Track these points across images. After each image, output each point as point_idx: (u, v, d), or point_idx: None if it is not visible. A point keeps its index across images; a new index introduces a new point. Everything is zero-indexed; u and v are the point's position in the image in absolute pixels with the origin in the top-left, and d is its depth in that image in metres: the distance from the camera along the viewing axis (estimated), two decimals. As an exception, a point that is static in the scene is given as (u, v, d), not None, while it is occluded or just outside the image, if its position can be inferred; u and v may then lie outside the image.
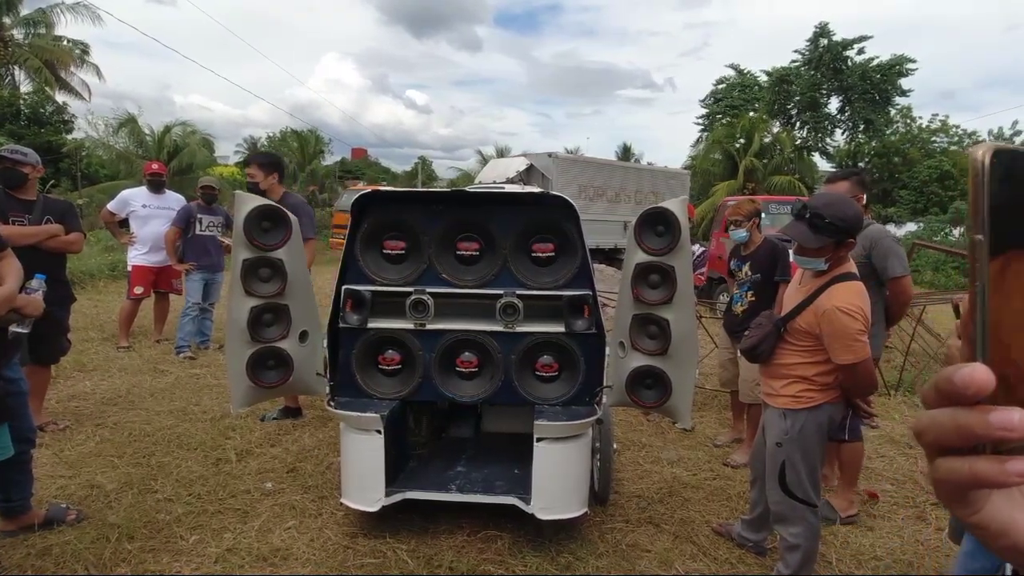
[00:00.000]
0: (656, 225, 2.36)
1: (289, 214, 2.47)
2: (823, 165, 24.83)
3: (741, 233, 3.52)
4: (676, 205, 2.32)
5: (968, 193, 0.32)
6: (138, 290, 5.43)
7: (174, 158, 16.11)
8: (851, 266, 2.17)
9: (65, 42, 17.08)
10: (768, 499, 2.35)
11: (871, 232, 2.88)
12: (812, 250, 2.08)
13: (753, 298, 3.45)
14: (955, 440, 0.33)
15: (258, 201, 2.44)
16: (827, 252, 2.08)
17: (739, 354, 3.52)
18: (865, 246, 2.80)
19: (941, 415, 0.33)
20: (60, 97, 17.40)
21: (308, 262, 3.33)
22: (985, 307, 0.32)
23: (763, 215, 3.84)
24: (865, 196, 3.03)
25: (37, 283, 2.72)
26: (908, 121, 24.81)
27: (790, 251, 2.50)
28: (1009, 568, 0.43)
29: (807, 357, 2.16)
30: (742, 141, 20.93)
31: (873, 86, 24.37)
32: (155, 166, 5.78)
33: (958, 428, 0.32)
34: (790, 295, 2.30)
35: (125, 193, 5.59)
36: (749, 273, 3.48)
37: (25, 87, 16.90)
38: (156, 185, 5.60)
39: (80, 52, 17.25)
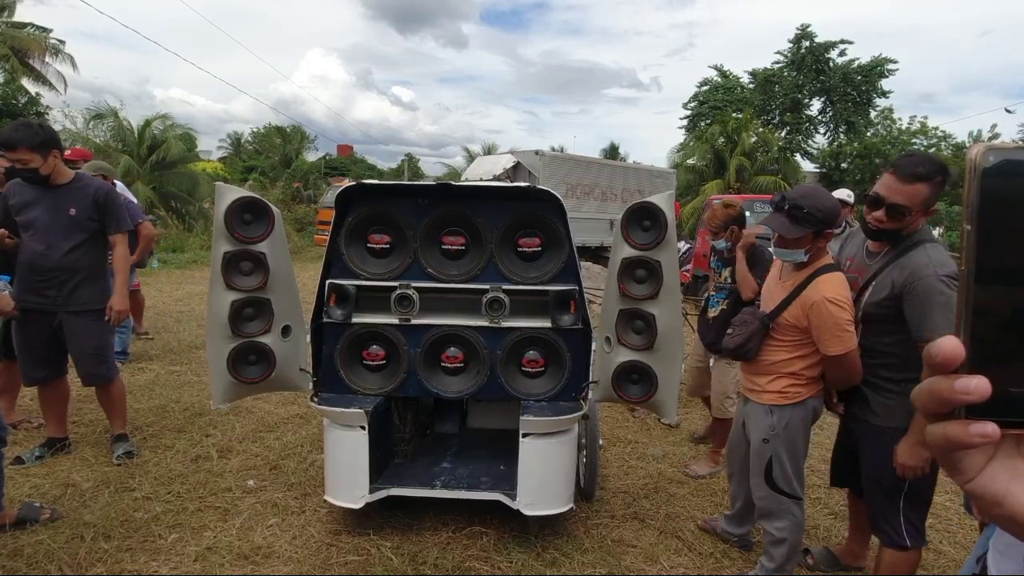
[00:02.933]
0: (642, 220, 2.35)
1: (272, 206, 2.43)
2: (806, 166, 25.16)
3: (721, 243, 3.36)
4: (662, 200, 2.32)
5: (963, 188, 0.35)
6: None
7: (154, 152, 15.80)
8: (830, 257, 2.19)
9: (31, 28, 16.63)
10: (753, 495, 2.36)
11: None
12: (792, 241, 2.11)
13: (725, 307, 3.30)
14: (932, 405, 0.36)
15: (239, 193, 2.39)
16: (806, 243, 2.11)
17: (711, 364, 3.45)
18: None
19: (924, 383, 0.36)
20: (32, 87, 16.96)
21: (126, 258, 3.09)
22: (971, 289, 0.34)
23: (749, 214, 3.73)
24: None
25: (2, 284, 2.65)
26: (888, 123, 25.22)
27: (769, 249, 2.42)
28: (980, 568, 0.45)
29: (793, 352, 2.17)
30: (722, 140, 21.11)
31: (854, 87, 24.73)
32: (68, 152, 5.23)
33: (931, 393, 0.36)
34: (770, 291, 2.30)
35: None
36: (729, 280, 3.31)
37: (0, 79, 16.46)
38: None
39: (56, 42, 16.82)
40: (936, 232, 17.59)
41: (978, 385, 0.34)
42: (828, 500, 3.16)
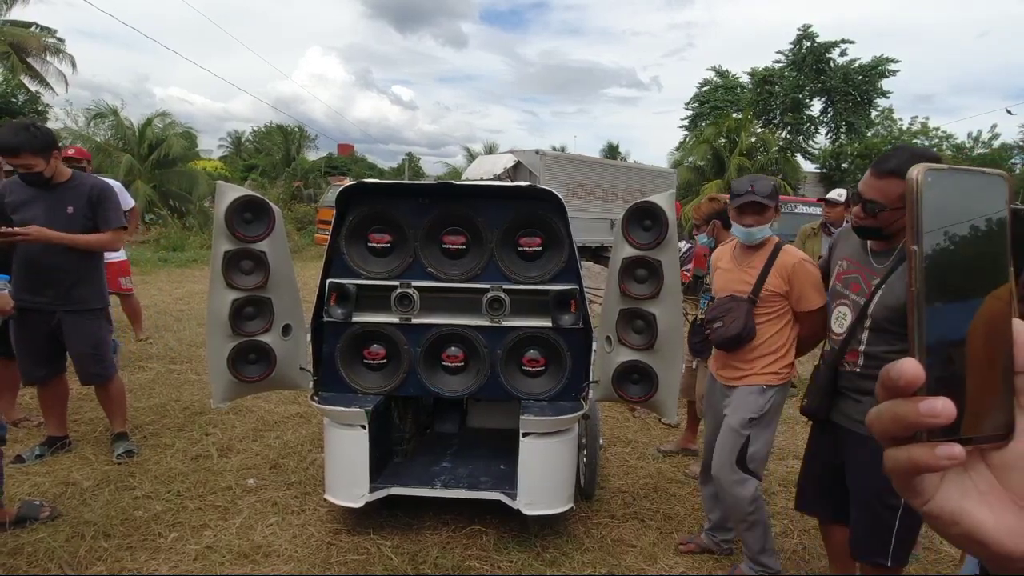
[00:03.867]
0: (643, 219, 2.35)
1: (272, 205, 2.43)
2: (806, 166, 25.17)
3: (703, 238, 3.18)
4: (663, 199, 2.32)
5: (906, 209, 0.36)
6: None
7: (155, 151, 15.80)
8: None
9: (35, 28, 16.62)
10: (725, 478, 2.31)
11: None
12: (764, 217, 2.30)
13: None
14: (895, 429, 0.35)
15: (240, 191, 2.39)
16: (772, 216, 2.31)
17: (695, 366, 3.39)
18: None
19: (883, 407, 0.36)
20: (32, 86, 16.93)
21: (106, 241, 3.04)
22: (921, 309, 0.35)
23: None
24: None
25: (2, 283, 2.65)
26: (889, 123, 25.24)
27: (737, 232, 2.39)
28: (982, 569, 0.45)
29: (778, 323, 2.27)
30: (723, 140, 21.13)
31: (855, 87, 24.74)
32: (71, 151, 4.99)
33: (894, 417, 0.35)
34: (730, 279, 2.38)
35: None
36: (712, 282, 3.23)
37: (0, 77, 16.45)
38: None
39: (55, 41, 16.79)
40: None
41: (944, 407, 0.33)
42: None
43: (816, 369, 2.11)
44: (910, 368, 0.34)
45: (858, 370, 1.92)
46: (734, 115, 23.02)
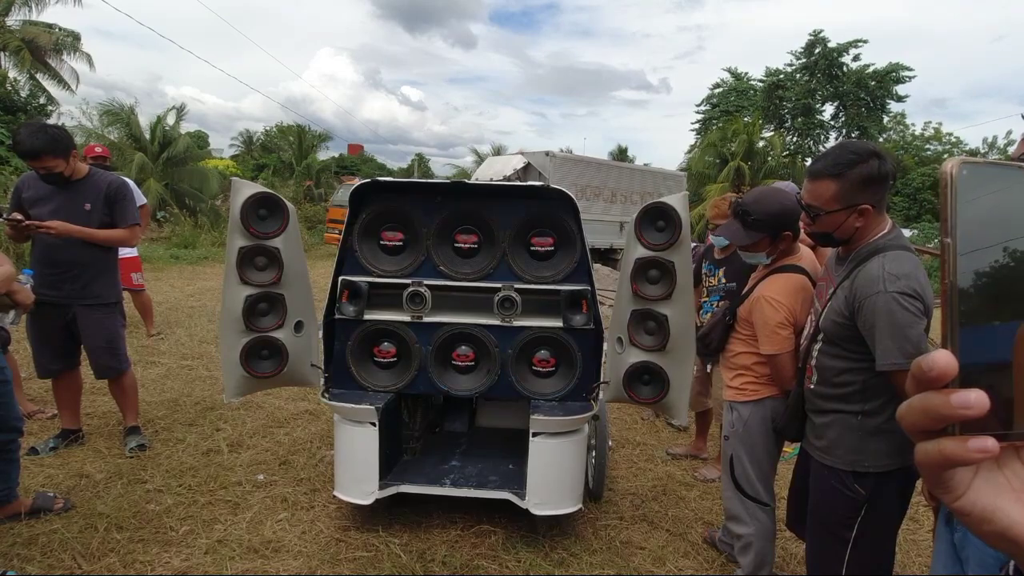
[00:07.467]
0: (656, 220, 2.35)
1: (287, 202, 2.44)
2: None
3: (723, 240, 2.96)
4: (677, 200, 2.31)
5: (939, 202, 0.36)
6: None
7: (166, 148, 15.93)
8: (799, 258, 2.15)
9: (57, 30, 16.82)
10: (722, 494, 2.37)
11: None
12: (751, 245, 2.14)
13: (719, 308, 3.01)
14: (926, 422, 0.35)
15: (255, 188, 2.41)
16: (764, 247, 2.14)
17: (708, 370, 3.36)
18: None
19: (915, 400, 0.35)
20: (49, 86, 17.10)
21: (118, 237, 3.08)
22: (954, 302, 0.35)
23: None
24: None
25: (25, 277, 2.69)
26: (901, 128, 25.07)
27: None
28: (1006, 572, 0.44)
29: (746, 347, 2.22)
30: (732, 146, 21.05)
31: (868, 92, 24.59)
32: (98, 149, 5.25)
33: (925, 410, 0.34)
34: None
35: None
36: (724, 280, 3.10)
37: (14, 74, 16.61)
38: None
39: (71, 40, 16.95)
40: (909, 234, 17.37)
41: (978, 399, 0.32)
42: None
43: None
44: (942, 359, 0.33)
45: (812, 386, 1.80)
46: (745, 119, 22.92)
